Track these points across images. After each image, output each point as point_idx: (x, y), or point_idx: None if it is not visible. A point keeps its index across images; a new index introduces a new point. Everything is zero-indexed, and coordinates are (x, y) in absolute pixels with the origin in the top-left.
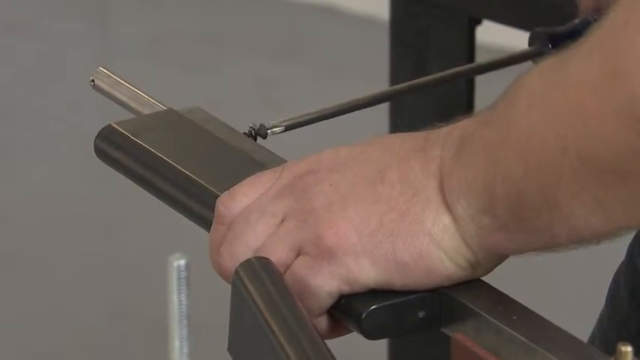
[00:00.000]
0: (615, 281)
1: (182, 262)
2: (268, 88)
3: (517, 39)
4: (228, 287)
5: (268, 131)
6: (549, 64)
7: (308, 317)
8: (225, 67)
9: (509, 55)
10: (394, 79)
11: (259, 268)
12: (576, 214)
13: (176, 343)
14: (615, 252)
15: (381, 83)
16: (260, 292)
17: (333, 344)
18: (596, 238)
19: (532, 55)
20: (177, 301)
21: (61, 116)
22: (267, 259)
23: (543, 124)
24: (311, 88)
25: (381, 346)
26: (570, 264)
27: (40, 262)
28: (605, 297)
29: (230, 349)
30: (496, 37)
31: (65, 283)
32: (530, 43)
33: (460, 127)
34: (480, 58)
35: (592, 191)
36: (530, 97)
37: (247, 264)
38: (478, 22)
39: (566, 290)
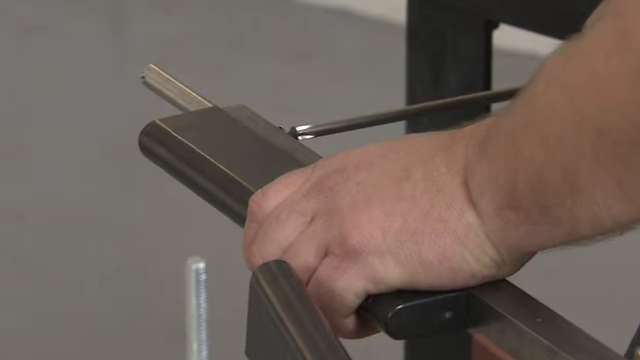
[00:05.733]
0: None
1: (200, 265)
2: (283, 91)
3: (534, 43)
4: (246, 290)
5: None
6: (568, 40)
7: (326, 321)
8: (240, 70)
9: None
10: (410, 83)
11: (277, 271)
12: (597, 199)
13: (194, 346)
14: None
15: (396, 87)
16: (278, 295)
17: (351, 347)
18: (619, 226)
19: None
20: (195, 304)
21: (77, 118)
22: (286, 262)
23: (560, 100)
24: (326, 92)
25: (398, 349)
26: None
27: (56, 263)
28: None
29: (248, 353)
30: (513, 40)
31: (81, 286)
32: None
33: (485, 124)
34: (497, 61)
35: (612, 169)
36: (549, 75)
37: (265, 267)
38: (495, 25)
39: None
